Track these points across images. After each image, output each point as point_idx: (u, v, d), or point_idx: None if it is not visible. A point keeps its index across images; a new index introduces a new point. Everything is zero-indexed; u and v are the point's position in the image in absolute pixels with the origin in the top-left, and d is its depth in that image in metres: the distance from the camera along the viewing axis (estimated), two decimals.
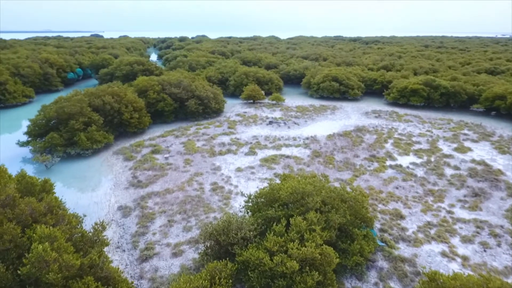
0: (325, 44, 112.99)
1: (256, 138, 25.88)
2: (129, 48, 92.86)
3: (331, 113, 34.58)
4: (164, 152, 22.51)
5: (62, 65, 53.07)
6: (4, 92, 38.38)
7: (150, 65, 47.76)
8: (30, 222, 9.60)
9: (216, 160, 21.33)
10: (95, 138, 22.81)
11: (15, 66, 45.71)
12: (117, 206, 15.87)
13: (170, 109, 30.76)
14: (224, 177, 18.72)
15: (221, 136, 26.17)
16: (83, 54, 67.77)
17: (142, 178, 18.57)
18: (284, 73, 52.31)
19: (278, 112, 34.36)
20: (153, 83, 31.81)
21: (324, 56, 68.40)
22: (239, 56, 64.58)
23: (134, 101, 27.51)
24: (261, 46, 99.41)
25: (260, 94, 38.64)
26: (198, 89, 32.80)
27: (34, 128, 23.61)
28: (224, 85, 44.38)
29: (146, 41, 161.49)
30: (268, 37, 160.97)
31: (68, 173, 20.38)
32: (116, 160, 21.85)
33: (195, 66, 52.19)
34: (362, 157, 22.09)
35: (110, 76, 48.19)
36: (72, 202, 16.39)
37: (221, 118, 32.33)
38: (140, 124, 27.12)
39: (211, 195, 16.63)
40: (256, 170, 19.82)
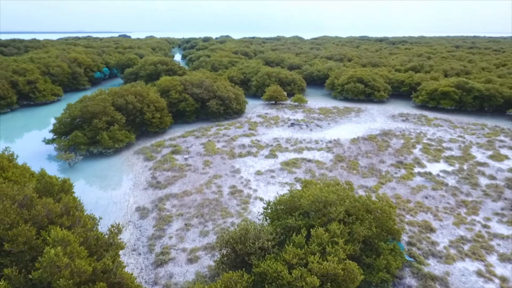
0: (350, 44, 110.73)
1: (277, 140, 25.32)
2: (155, 48, 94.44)
3: (355, 115, 33.50)
4: (184, 153, 22.35)
5: (89, 65, 54.46)
6: (34, 90, 39.65)
7: (174, 65, 48.12)
8: (46, 223, 9.48)
9: (236, 162, 20.93)
10: (117, 137, 22.96)
11: (46, 65, 47.20)
12: (135, 207, 15.75)
13: (192, 109, 30.69)
14: (243, 180, 18.28)
15: (241, 138, 25.77)
16: (110, 54, 69.42)
17: (161, 179, 18.42)
18: (307, 73, 51.41)
19: (300, 114, 33.63)
20: (175, 83, 31.86)
21: (349, 56, 66.85)
22: (262, 57, 64.19)
23: (156, 101, 27.58)
24: (284, 46, 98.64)
25: (282, 95, 38.03)
26: (220, 89, 32.59)
27: (60, 126, 24.05)
28: (246, 86, 44.08)
29: (171, 41, 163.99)
30: (292, 37, 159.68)
31: (90, 171, 20.56)
32: (136, 159, 21.88)
33: (218, 66, 52.18)
34: (388, 163, 21.08)
35: (134, 75, 48.95)
36: (92, 201, 16.47)
37: (242, 119, 31.97)
38: (161, 124, 27.16)
39: (230, 199, 16.22)
40: (276, 174, 19.26)
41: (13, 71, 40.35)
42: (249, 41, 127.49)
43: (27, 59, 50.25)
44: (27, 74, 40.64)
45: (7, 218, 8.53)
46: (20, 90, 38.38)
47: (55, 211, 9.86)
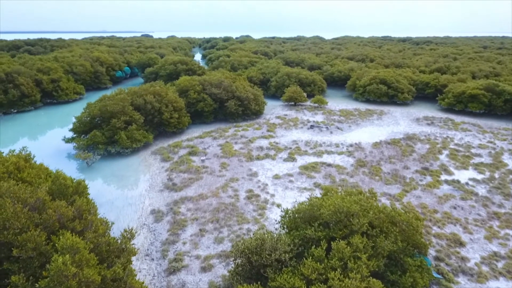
0: (372, 44, 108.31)
1: (296, 143, 24.66)
2: (175, 48, 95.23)
3: (377, 118, 32.38)
4: (201, 154, 22.04)
5: (111, 64, 55.29)
6: (57, 88, 40.47)
7: (193, 65, 48.13)
8: (57, 227, 9.26)
9: (253, 165, 20.43)
10: (135, 137, 22.91)
11: (69, 64, 48.17)
12: (150, 209, 15.50)
13: (210, 109, 30.43)
14: (260, 185, 17.75)
15: (259, 140, 25.26)
16: (131, 53, 70.40)
17: (177, 181, 18.13)
18: (327, 74, 50.37)
19: (320, 116, 32.81)
20: (194, 83, 31.69)
21: (371, 57, 65.19)
22: (282, 57, 63.49)
23: (175, 100, 27.45)
24: (305, 46, 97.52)
25: (302, 96, 37.27)
26: (239, 89, 32.19)
27: (79, 125, 24.23)
28: (265, 86, 43.55)
29: (192, 41, 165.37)
30: (312, 37, 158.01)
31: (107, 171, 20.55)
32: (153, 160, 21.73)
33: (237, 66, 51.88)
34: (412, 169, 20.07)
35: (155, 75, 49.31)
36: (108, 202, 16.35)
37: (261, 120, 31.45)
38: (179, 124, 27.00)
39: (246, 203, 15.73)
40: (295, 178, 18.63)
41: (37, 69, 41.31)
42: (269, 41, 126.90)
43: (51, 58, 51.48)
44: (51, 73, 41.54)
45: (17, 222, 8.33)
46: (44, 89, 39.25)
47: (67, 215, 9.63)
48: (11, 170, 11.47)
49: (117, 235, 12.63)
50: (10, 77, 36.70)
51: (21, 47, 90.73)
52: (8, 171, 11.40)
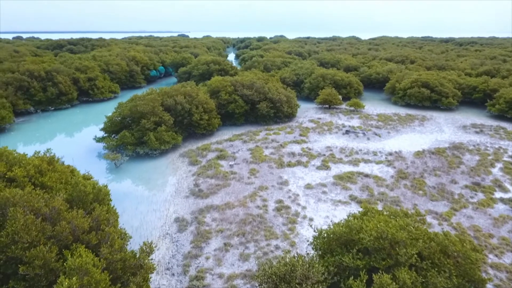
0: (412, 45, 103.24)
1: (330, 149, 23.19)
2: (210, 47, 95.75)
3: (419, 124, 30.07)
4: (230, 159, 21.17)
5: (146, 63, 56.11)
6: (94, 87, 41.38)
7: (226, 65, 47.65)
8: (70, 241, 8.63)
9: (284, 172, 19.25)
10: (163, 138, 22.46)
11: (106, 63, 49.27)
12: (174, 217, 14.78)
13: (241, 111, 29.58)
14: (291, 195, 16.55)
15: (291, 145, 24.02)
16: (166, 52, 71.36)
17: (204, 187, 17.34)
18: (365, 76, 48.07)
19: (356, 120, 30.98)
20: (225, 83, 30.99)
21: (412, 58, 61.74)
22: (316, 57, 61.64)
23: (205, 102, 26.83)
24: (340, 46, 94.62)
25: (337, 98, 35.55)
26: (271, 91, 31.10)
27: (110, 125, 24.20)
28: (299, 88, 42.16)
29: (226, 40, 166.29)
30: (348, 38, 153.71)
31: (135, 173, 20.20)
32: (181, 163, 21.14)
33: (270, 67, 50.81)
34: (461, 184, 18.04)
35: (187, 74, 49.36)
36: (132, 207, 15.85)
37: (293, 123, 30.17)
38: (209, 126, 26.35)
39: (275, 216, 14.60)
40: (329, 189, 17.25)
41: (75, 68, 42.46)
42: (304, 41, 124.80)
43: (90, 57, 52.98)
44: (88, 72, 42.58)
45: (27, 235, 7.72)
46: (81, 87, 40.25)
47: (82, 227, 8.98)
48: (32, 174, 11.08)
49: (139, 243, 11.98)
50: (50, 75, 37.90)
51: (64, 46, 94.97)
52: (29, 175, 11.00)
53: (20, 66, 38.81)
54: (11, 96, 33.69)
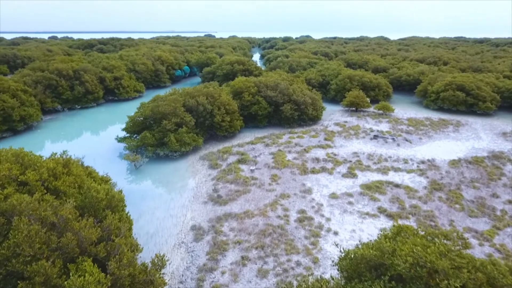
0: (444, 46, 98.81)
1: (356, 155, 21.93)
2: (235, 47, 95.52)
3: (453, 130, 28.14)
4: (251, 163, 20.38)
5: (171, 63, 56.38)
6: (119, 86, 41.82)
7: (250, 65, 46.97)
8: (77, 253, 8.11)
9: (307, 179, 18.25)
10: (184, 140, 21.99)
11: (132, 62, 49.81)
12: (191, 224, 14.16)
13: (264, 113, 28.74)
14: (314, 204, 15.55)
15: (315, 149, 22.94)
16: (192, 52, 71.62)
17: (223, 193, 16.64)
18: (394, 78, 46.00)
19: (385, 124, 29.41)
20: (249, 84, 30.25)
21: (445, 59, 58.72)
22: (343, 58, 59.86)
23: (228, 103, 26.20)
24: (368, 47, 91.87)
25: (364, 101, 34.03)
26: (296, 93, 30.09)
27: (132, 125, 24.03)
28: (325, 89, 40.83)
29: (252, 41, 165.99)
30: (376, 38, 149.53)
31: (154, 175, 19.82)
32: (201, 166, 20.57)
33: (295, 67, 49.68)
34: (503, 199, 16.39)
35: (212, 74, 49.07)
36: (149, 211, 15.37)
37: (318, 126, 29.01)
38: (230, 127, 25.69)
39: (297, 227, 13.67)
40: (355, 199, 16.10)
41: (102, 67, 43.08)
42: (330, 41, 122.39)
43: (117, 56, 53.78)
44: (114, 71, 43.09)
45: (29, 248, 7.23)
46: (107, 86, 40.76)
47: (90, 238, 8.43)
48: (45, 178, 10.72)
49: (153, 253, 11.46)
50: (77, 74, 38.57)
51: (95, 45, 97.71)
52: (42, 179, 10.65)
53: (50, 65, 39.72)
54: (40, 94, 34.45)
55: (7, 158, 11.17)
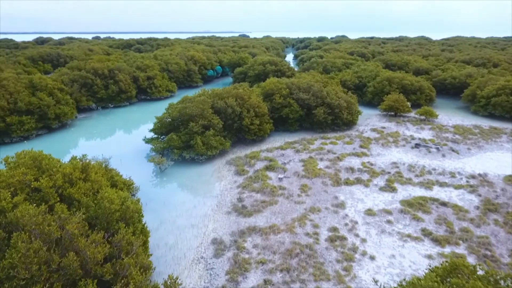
0: (493, 46, 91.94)
1: (396, 166, 20.05)
2: (268, 47, 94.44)
3: (508, 140, 25.30)
4: (279, 171, 19.14)
5: (204, 63, 56.25)
6: (152, 86, 42.04)
7: (283, 66, 45.68)
8: (79, 275, 7.32)
9: (341, 191, 16.74)
10: (211, 143, 21.17)
11: (166, 62, 50.09)
12: (212, 237, 13.18)
13: (295, 116, 27.37)
14: (348, 221, 14.06)
15: (350, 158, 21.29)
16: (225, 52, 71.38)
17: (248, 203, 15.55)
18: (437, 80, 42.85)
19: (428, 132, 27.05)
20: (280, 86, 29.00)
21: (494, 61, 54.15)
22: (382, 58, 56.95)
23: (257, 105, 25.11)
24: (408, 47, 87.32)
25: (405, 105, 31.69)
26: (330, 95, 28.45)
27: (160, 126, 23.57)
28: (361, 92, 38.69)
29: (286, 41, 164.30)
30: (417, 38, 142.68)
31: (178, 179, 19.13)
32: (227, 172, 19.63)
33: (330, 68, 47.72)
34: None
35: (243, 75, 48.29)
36: (170, 219, 14.61)
37: (353, 132, 27.21)
38: (259, 131, 24.59)
39: (328, 248, 12.28)
40: (395, 218, 14.42)
41: (136, 67, 43.56)
42: (367, 41, 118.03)
43: (152, 56, 54.43)
44: (148, 70, 43.43)
45: (25, 271, 6.48)
46: (140, 85, 41.10)
47: (96, 258, 7.62)
48: (60, 184, 10.13)
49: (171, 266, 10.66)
50: (112, 73, 39.14)
51: (133, 45, 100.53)
52: (56, 186, 10.06)
53: (87, 64, 40.67)
54: (76, 93, 35.19)
55: (24, 162, 10.73)
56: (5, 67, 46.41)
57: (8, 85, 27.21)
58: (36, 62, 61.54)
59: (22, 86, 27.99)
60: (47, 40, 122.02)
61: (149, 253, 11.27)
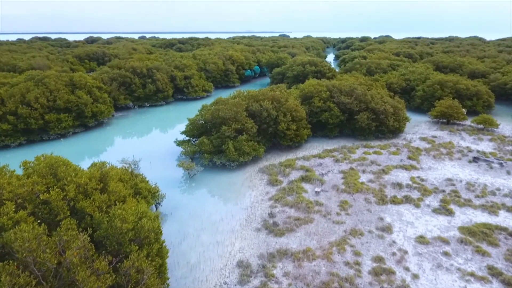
0: None
1: (451, 182, 17.55)
2: (308, 47, 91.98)
3: None
4: (316, 183, 17.39)
5: (242, 62, 55.30)
6: (188, 85, 41.68)
7: (323, 66, 43.48)
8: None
9: (386, 211, 14.70)
10: (243, 149, 19.86)
11: (204, 61, 49.72)
12: (238, 258, 11.81)
13: (336, 121, 25.35)
14: (395, 250, 12.07)
15: (397, 171, 19.04)
16: (264, 52, 70.10)
17: (280, 220, 14.02)
18: (497, 84, 38.55)
19: (487, 143, 23.91)
20: (320, 88, 27.09)
21: None
22: (431, 60, 52.74)
23: (295, 109, 23.44)
24: (460, 48, 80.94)
25: (459, 112, 28.49)
26: (375, 100, 26.10)
27: (192, 128, 22.69)
28: (408, 96, 35.68)
29: (327, 41, 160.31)
30: (469, 38, 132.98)
31: (207, 186, 18.00)
32: (259, 181, 18.20)
33: (374, 70, 44.76)
34: None
35: (281, 75, 46.72)
36: (194, 233, 13.47)
37: (399, 141, 24.72)
38: (296, 137, 22.93)
39: (371, 284, 10.43)
40: (453, 249, 12.20)
41: (174, 66, 43.44)
42: (414, 41, 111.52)
43: (191, 55, 54.40)
44: (185, 70, 43.15)
45: None
46: (177, 85, 40.86)
47: None
48: (72, 196, 9.21)
49: None
50: (150, 73, 39.20)
51: (175, 44, 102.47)
52: (68, 198, 9.16)
53: (127, 63, 41.11)
54: (114, 91, 35.50)
55: (39, 169, 9.98)
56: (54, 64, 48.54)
57: (49, 82, 27.69)
58: (83, 60, 64.03)
59: (62, 84, 28.39)
60: (96, 39, 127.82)
61: (167, 275, 10.13)
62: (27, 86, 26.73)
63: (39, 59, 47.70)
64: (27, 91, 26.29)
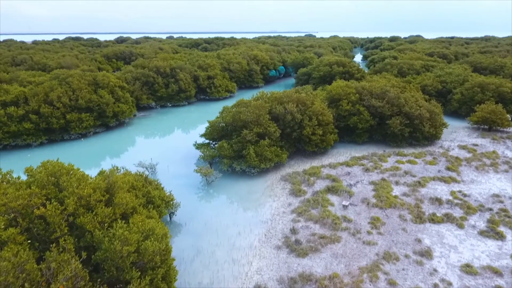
0: None
1: (498, 199, 15.55)
2: (335, 47, 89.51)
3: None
4: (344, 195, 15.87)
5: (266, 62, 54.05)
6: (211, 85, 40.90)
7: (352, 67, 41.50)
8: None
9: (425, 232, 13.01)
10: (265, 155, 18.62)
11: (228, 61, 48.85)
12: (255, 281, 10.58)
13: (365, 126, 23.61)
14: (438, 281, 10.43)
15: (434, 183, 17.18)
16: (289, 52, 68.56)
17: (303, 237, 12.66)
18: None
19: None
20: (349, 90, 25.40)
21: None
22: (468, 61, 49.37)
23: (321, 113, 21.94)
24: (499, 48, 75.97)
25: (503, 118, 25.99)
26: (408, 103, 24.13)
27: (212, 130, 21.70)
28: (444, 99, 33.20)
29: (354, 40, 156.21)
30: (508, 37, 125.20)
31: (226, 194, 16.90)
32: (281, 190, 16.89)
33: (406, 71, 42.25)
34: None
35: (307, 76, 45.10)
36: (209, 249, 12.37)
37: (436, 149, 22.67)
38: (322, 142, 21.43)
39: None
40: (507, 282, 10.41)
41: (198, 65, 42.78)
42: (447, 41, 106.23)
43: (215, 55, 53.72)
44: (209, 70, 42.41)
45: None
46: (200, 85, 40.16)
47: None
48: (71, 211, 8.28)
49: None
50: (174, 72, 38.70)
51: (201, 44, 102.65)
52: (67, 212, 8.24)
53: (150, 62, 40.85)
54: (137, 91, 35.21)
55: (40, 178, 9.15)
56: (82, 63, 49.20)
57: (72, 81, 27.55)
58: (110, 59, 64.89)
59: (85, 83, 28.21)
60: (126, 39, 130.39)
61: None
62: (51, 85, 26.68)
63: (68, 58, 48.43)
64: (50, 90, 26.21)
